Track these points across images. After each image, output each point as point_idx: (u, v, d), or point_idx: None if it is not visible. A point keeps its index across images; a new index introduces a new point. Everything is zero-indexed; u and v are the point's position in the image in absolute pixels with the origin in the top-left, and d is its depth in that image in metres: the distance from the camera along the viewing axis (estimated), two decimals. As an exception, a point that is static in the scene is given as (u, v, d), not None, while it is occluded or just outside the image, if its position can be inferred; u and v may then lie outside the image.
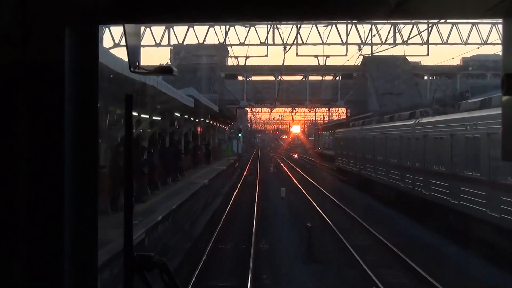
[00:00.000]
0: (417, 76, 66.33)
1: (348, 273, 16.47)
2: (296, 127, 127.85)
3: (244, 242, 20.04)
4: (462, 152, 20.34)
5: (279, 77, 65.29)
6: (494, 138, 17.32)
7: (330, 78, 70.68)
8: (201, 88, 55.16)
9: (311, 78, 69.10)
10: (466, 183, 19.71)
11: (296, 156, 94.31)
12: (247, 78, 68.94)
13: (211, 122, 53.88)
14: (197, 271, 15.28)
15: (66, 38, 2.19)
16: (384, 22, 54.65)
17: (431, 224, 22.38)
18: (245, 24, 55.28)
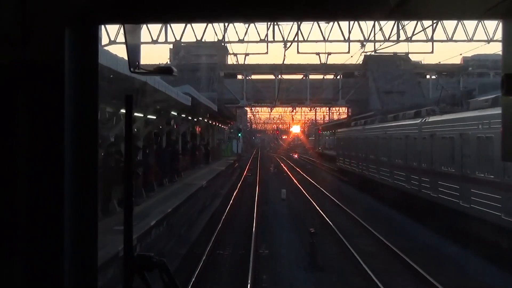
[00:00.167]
0: (419, 75, 65.74)
1: (354, 281, 15.50)
2: (296, 127, 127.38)
3: (243, 247, 19.07)
4: (474, 152, 19.27)
5: (279, 76, 64.40)
6: None
7: (331, 77, 69.77)
8: (200, 87, 54.64)
9: (311, 77, 68.27)
10: (478, 185, 18.67)
11: (296, 156, 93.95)
12: (247, 77, 68.16)
13: (210, 122, 53.14)
14: (193, 279, 14.45)
15: (66, 38, 2.20)
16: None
17: (440, 227, 21.35)
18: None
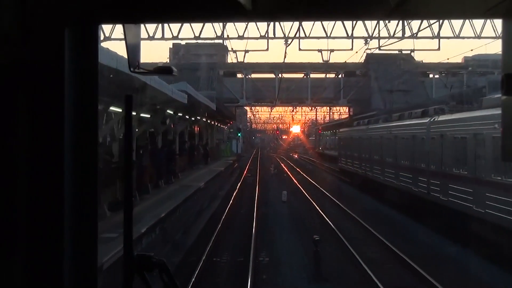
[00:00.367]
0: (421, 74, 64.70)
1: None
2: (296, 127, 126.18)
3: (241, 255, 17.88)
4: (490, 154, 18.02)
5: (280, 75, 63.12)
6: None
7: (333, 76, 68.48)
8: (200, 86, 53.58)
9: (312, 76, 66.97)
10: (494, 189, 17.44)
11: (296, 156, 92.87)
12: (247, 76, 66.93)
13: (209, 121, 51.92)
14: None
15: (66, 38, 2.20)
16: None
17: (451, 233, 20.09)
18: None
